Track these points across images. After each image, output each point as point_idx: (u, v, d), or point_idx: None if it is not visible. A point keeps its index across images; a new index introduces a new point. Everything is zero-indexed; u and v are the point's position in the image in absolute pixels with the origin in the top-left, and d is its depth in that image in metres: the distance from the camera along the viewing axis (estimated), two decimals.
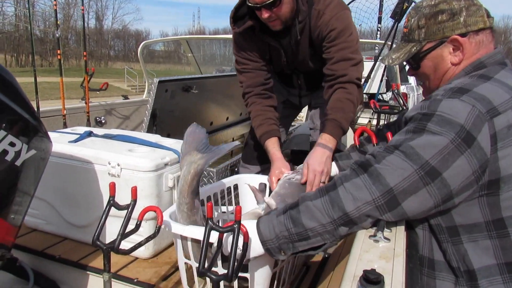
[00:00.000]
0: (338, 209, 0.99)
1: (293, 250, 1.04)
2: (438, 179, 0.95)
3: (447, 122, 0.96)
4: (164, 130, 2.63)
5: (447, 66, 1.17)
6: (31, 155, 1.25)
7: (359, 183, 0.99)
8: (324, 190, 1.03)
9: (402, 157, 0.97)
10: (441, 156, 0.94)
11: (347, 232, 1.02)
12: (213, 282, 0.95)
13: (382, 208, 0.97)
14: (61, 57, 2.88)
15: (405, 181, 0.96)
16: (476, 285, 1.05)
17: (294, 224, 1.02)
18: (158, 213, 1.16)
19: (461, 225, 1.05)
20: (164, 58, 50.89)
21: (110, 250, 1.08)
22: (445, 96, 1.02)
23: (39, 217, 1.81)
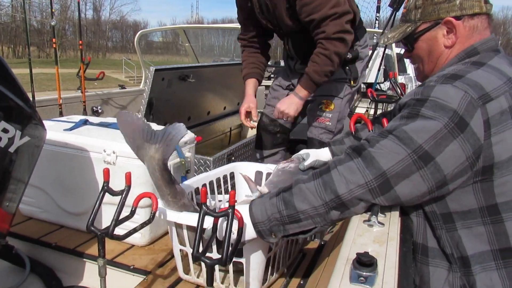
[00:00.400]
0: (330, 191, 0.98)
1: (284, 232, 1.04)
2: (431, 163, 0.95)
3: (440, 107, 0.96)
4: (160, 119, 2.62)
5: (441, 49, 1.17)
6: (25, 142, 1.24)
7: (352, 166, 0.98)
8: (318, 173, 1.03)
9: (395, 141, 0.97)
10: (434, 141, 0.94)
11: (339, 216, 1.01)
12: (208, 267, 0.95)
13: (375, 191, 0.97)
14: (56, 46, 2.85)
15: (398, 164, 0.95)
16: (469, 271, 1.05)
17: (286, 206, 1.02)
18: (153, 199, 1.16)
19: (455, 211, 1.05)
20: (162, 49, 50.64)
21: (104, 235, 1.08)
22: (438, 82, 1.02)
23: (35, 205, 1.81)
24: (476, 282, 1.04)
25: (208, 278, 0.96)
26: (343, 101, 2.16)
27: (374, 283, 0.74)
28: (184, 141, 1.79)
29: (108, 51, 50.26)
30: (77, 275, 1.62)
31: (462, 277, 1.07)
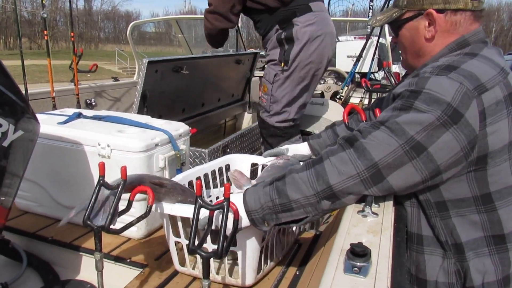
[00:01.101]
0: (322, 182, 0.99)
1: (276, 221, 1.06)
2: (423, 154, 0.96)
3: (434, 100, 0.97)
4: (155, 111, 2.61)
5: (421, 40, 1.17)
6: (19, 136, 1.24)
7: (344, 157, 0.99)
8: (310, 164, 1.04)
9: (387, 133, 0.98)
10: (425, 132, 0.95)
11: (329, 207, 1.02)
12: (204, 259, 0.96)
13: (367, 181, 0.98)
14: (48, 38, 2.82)
15: (390, 155, 0.96)
16: (463, 257, 1.08)
17: (279, 195, 1.03)
18: (149, 192, 1.16)
19: (449, 200, 1.07)
20: (155, 40, 50.22)
21: (100, 229, 1.08)
22: (433, 74, 1.02)
23: (30, 199, 1.81)
24: (470, 267, 1.07)
25: (204, 271, 0.97)
26: (273, 86, 2.37)
27: (367, 273, 0.75)
28: (179, 134, 1.79)
29: (101, 42, 49.80)
30: (74, 268, 1.63)
31: (456, 263, 1.09)
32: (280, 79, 2.35)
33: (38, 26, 34.08)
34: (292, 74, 2.33)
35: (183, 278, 1.42)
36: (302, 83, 2.39)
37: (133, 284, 1.39)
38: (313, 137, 1.70)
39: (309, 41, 2.26)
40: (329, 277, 0.74)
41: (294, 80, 2.36)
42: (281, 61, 2.30)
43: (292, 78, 2.35)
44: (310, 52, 2.29)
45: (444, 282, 1.11)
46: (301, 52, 2.26)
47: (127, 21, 51.33)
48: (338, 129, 1.64)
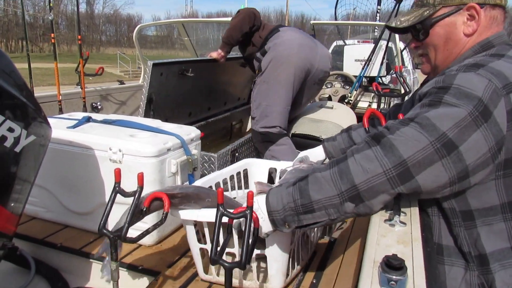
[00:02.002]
0: (347, 180, 0.93)
1: (298, 223, 1.00)
2: (454, 153, 0.91)
3: (465, 94, 0.93)
4: (161, 115, 2.58)
5: (459, 36, 1.12)
6: (31, 141, 1.20)
7: (370, 154, 0.94)
8: (334, 162, 0.99)
9: (417, 129, 0.92)
10: (458, 129, 0.90)
11: (353, 210, 0.96)
12: (226, 270, 0.92)
13: (394, 180, 0.92)
14: (55, 41, 2.79)
15: (420, 153, 0.91)
16: (487, 269, 1.03)
17: (301, 195, 0.98)
18: (165, 199, 1.13)
19: (476, 209, 1.03)
20: (157, 44, 50.31)
21: (117, 238, 1.04)
22: (460, 71, 0.98)
23: (38, 204, 1.77)
24: (496, 280, 1.02)
25: (226, 281, 0.94)
26: (253, 92, 2.61)
27: (405, 287, 0.71)
28: (191, 138, 1.76)
29: (102, 45, 49.90)
30: (84, 276, 1.59)
31: (480, 275, 1.04)
32: (257, 83, 2.55)
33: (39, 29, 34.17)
34: (266, 76, 2.50)
35: (198, 285, 1.38)
36: (277, 85, 2.48)
37: None
38: (328, 139, 1.66)
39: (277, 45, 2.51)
40: None
41: (269, 82, 2.49)
42: (257, 70, 2.60)
43: (267, 80, 2.50)
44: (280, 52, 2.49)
45: None
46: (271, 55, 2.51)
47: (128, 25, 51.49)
48: (354, 134, 1.60)
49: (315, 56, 2.55)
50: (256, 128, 2.57)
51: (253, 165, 1.68)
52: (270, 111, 2.50)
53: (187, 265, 1.51)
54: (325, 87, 4.08)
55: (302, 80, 2.55)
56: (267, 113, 2.51)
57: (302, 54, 2.50)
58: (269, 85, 2.50)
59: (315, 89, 2.76)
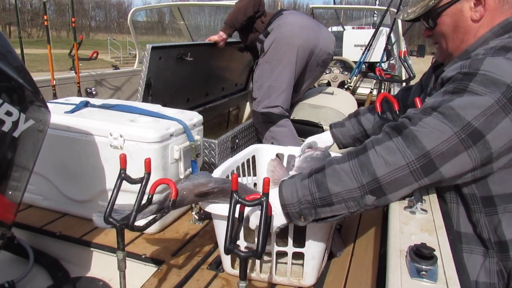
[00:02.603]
0: (368, 173, 0.90)
1: (315, 216, 0.98)
2: (480, 142, 0.88)
3: (492, 81, 0.89)
4: (159, 100, 2.51)
5: (467, 23, 1.08)
6: (29, 125, 1.14)
7: (392, 146, 0.91)
8: (353, 153, 0.95)
9: (440, 119, 0.89)
10: (484, 117, 0.87)
11: (373, 202, 0.93)
12: (241, 259, 0.88)
13: (417, 173, 0.90)
14: (48, 23, 2.69)
15: (444, 144, 0.88)
16: (507, 256, 1.01)
17: (318, 188, 0.95)
18: (172, 186, 1.08)
19: (498, 194, 1.00)
20: (147, 30, 49.65)
21: (124, 227, 0.99)
22: (487, 55, 0.94)
23: (35, 192, 1.71)
24: None
25: (241, 272, 0.89)
26: (255, 73, 2.57)
27: (436, 277, 0.68)
28: (193, 123, 1.71)
29: (92, 31, 49.11)
30: (85, 265, 1.55)
31: (499, 262, 1.02)
32: (259, 64, 2.53)
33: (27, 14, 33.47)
34: (268, 57, 2.47)
35: (203, 275, 1.34)
36: (279, 65, 2.45)
37: (151, 282, 1.31)
38: (335, 125, 1.63)
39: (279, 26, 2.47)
40: (396, 282, 0.67)
41: (271, 62, 2.46)
42: (260, 51, 2.55)
43: (269, 60, 2.47)
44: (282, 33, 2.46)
45: (486, 282, 1.04)
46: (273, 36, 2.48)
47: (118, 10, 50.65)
48: (363, 119, 1.56)
49: (318, 37, 2.51)
50: (257, 109, 2.52)
51: (260, 150, 1.63)
52: (273, 91, 2.47)
53: (192, 253, 1.47)
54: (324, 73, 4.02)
55: (305, 60, 2.51)
56: (270, 94, 2.47)
57: (305, 35, 2.46)
58: (272, 66, 2.46)
59: (318, 71, 2.72)
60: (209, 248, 1.50)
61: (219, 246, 1.29)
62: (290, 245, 1.18)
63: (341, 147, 1.67)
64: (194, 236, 1.59)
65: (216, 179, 1.17)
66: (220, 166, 1.41)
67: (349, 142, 1.63)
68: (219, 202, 1.16)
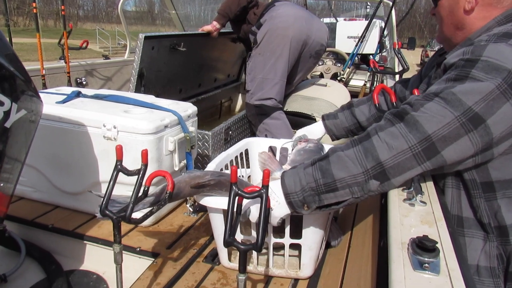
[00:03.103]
0: (372, 158, 0.91)
1: (319, 203, 0.98)
2: (481, 126, 0.88)
3: (494, 67, 0.89)
4: (152, 91, 2.48)
5: (460, 12, 1.10)
6: (21, 116, 1.11)
7: (394, 131, 0.91)
8: (357, 140, 0.96)
9: (442, 104, 0.90)
10: (485, 102, 0.88)
11: (377, 187, 0.94)
12: (241, 252, 0.87)
13: (420, 156, 0.90)
14: (37, 11, 2.63)
15: (445, 128, 0.88)
16: (507, 240, 1.02)
17: (323, 174, 0.95)
18: (168, 178, 1.06)
19: (497, 180, 1.01)
20: (136, 19, 49.01)
21: (121, 219, 0.98)
22: (490, 41, 0.94)
23: (26, 184, 1.68)
24: None
25: (240, 264, 0.89)
26: (248, 65, 2.53)
27: (439, 270, 0.68)
28: (188, 115, 1.68)
29: (80, 20, 48.35)
30: (78, 258, 1.53)
31: (499, 246, 1.04)
32: (252, 56, 2.50)
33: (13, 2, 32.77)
34: (261, 48, 2.45)
35: (199, 267, 1.33)
36: (272, 56, 2.43)
37: (147, 275, 1.29)
38: (328, 116, 1.63)
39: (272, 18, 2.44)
40: (399, 274, 0.66)
41: (264, 54, 2.44)
42: (253, 43, 2.52)
43: (262, 51, 2.45)
44: (275, 24, 2.42)
45: (486, 266, 1.06)
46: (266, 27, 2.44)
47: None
48: (357, 111, 1.55)
49: (311, 28, 2.49)
50: (251, 101, 2.50)
51: (253, 144, 1.62)
52: (266, 83, 2.45)
53: (187, 246, 1.46)
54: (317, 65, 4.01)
55: (298, 52, 2.49)
56: (263, 86, 2.45)
57: (298, 25, 2.44)
58: (265, 57, 2.44)
59: (311, 62, 2.70)
60: (204, 240, 1.49)
61: (216, 239, 1.27)
62: (287, 237, 1.17)
63: (334, 138, 1.67)
64: (189, 229, 1.58)
65: (213, 172, 1.16)
66: (213, 160, 1.40)
67: (343, 134, 1.63)
68: (215, 195, 1.15)
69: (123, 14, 3.85)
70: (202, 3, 5.23)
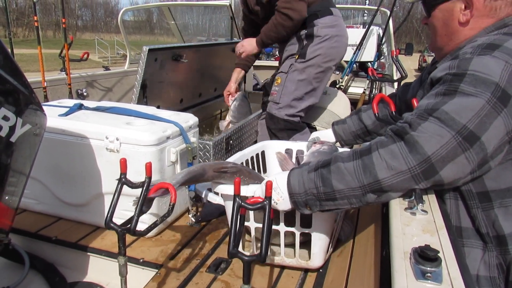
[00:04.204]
0: (370, 175, 0.94)
1: (320, 208, 1.03)
2: (476, 144, 0.90)
3: (481, 81, 0.91)
4: (154, 102, 2.50)
5: (455, 24, 1.12)
6: (26, 130, 1.13)
7: (395, 150, 0.93)
8: (358, 154, 0.98)
9: (437, 123, 0.91)
10: (478, 119, 0.89)
11: (375, 200, 0.97)
12: (244, 263, 0.88)
13: (418, 177, 0.92)
14: (38, 24, 2.65)
15: (443, 148, 0.90)
16: (506, 250, 1.03)
17: (323, 183, 0.99)
18: (171, 190, 1.07)
19: (493, 190, 1.02)
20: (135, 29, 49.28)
21: (125, 232, 0.99)
22: (474, 54, 0.96)
23: (29, 196, 1.69)
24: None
25: (244, 276, 0.89)
26: (287, 76, 2.34)
27: (441, 279, 0.69)
28: (189, 125, 1.70)
29: (79, 31, 48.59)
30: (82, 270, 1.53)
31: (498, 256, 1.05)
32: (297, 69, 2.32)
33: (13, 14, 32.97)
34: (309, 68, 2.30)
35: (202, 278, 1.34)
36: (315, 81, 2.34)
37: (150, 286, 1.30)
38: (338, 122, 1.67)
39: (329, 39, 2.30)
40: (402, 285, 0.67)
41: (309, 75, 2.32)
42: (297, 54, 2.33)
43: (308, 72, 2.31)
44: (330, 50, 2.31)
45: (486, 276, 1.06)
46: (320, 49, 2.29)
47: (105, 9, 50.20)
48: (364, 116, 1.58)
49: None
50: (279, 115, 2.37)
51: (269, 147, 1.67)
52: (301, 103, 2.36)
53: (190, 257, 1.47)
54: None
55: None
56: (297, 105, 2.35)
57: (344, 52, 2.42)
58: (309, 78, 2.33)
59: None
60: (207, 250, 1.50)
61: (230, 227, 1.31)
62: (297, 225, 1.21)
63: (343, 144, 1.69)
64: (192, 239, 1.59)
65: (234, 162, 1.24)
66: (228, 159, 1.45)
67: (350, 139, 1.66)
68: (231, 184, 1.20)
69: (123, 25, 3.89)
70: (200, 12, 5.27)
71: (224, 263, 1.41)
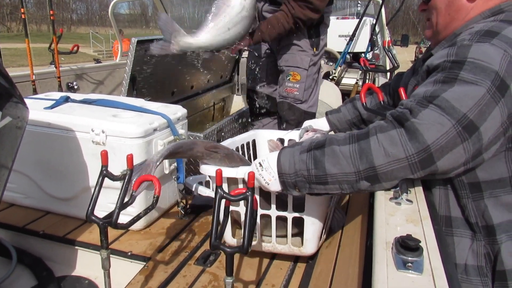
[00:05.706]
0: (366, 160, 0.90)
1: (309, 190, 0.99)
2: (475, 134, 0.88)
3: (481, 69, 0.88)
4: (144, 94, 2.47)
5: (461, 1, 1.08)
6: (7, 123, 1.11)
7: (394, 136, 0.90)
8: (355, 137, 0.94)
9: (438, 111, 0.88)
10: (478, 108, 0.87)
11: (367, 188, 0.94)
12: (227, 255, 0.87)
13: (415, 166, 0.89)
14: (26, 17, 2.61)
15: (443, 137, 0.87)
16: (494, 240, 1.02)
17: (315, 165, 0.95)
18: (155, 182, 1.06)
19: (484, 181, 1.01)
20: (130, 22, 48.98)
21: (107, 225, 0.97)
22: (473, 41, 0.94)
23: (16, 190, 1.67)
24: (501, 250, 1.01)
25: (227, 267, 0.88)
26: (308, 72, 2.34)
27: (422, 269, 0.68)
28: (177, 117, 1.68)
29: (73, 24, 48.21)
30: (69, 264, 1.52)
31: (486, 245, 1.04)
32: (313, 63, 2.36)
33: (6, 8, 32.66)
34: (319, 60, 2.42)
35: (191, 270, 1.33)
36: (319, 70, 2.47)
37: (138, 279, 1.29)
38: (331, 111, 1.64)
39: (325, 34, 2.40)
40: (382, 275, 0.66)
41: (318, 65, 2.44)
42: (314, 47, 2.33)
43: (319, 63, 2.43)
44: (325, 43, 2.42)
45: (473, 265, 1.06)
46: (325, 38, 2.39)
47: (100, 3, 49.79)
48: (358, 103, 1.56)
49: None
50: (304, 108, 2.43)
51: (260, 135, 1.65)
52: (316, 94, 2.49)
53: (179, 249, 1.46)
54: None
55: None
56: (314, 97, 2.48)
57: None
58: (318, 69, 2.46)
59: None
60: (196, 243, 1.49)
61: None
62: (289, 210, 1.20)
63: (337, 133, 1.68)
64: (181, 232, 1.58)
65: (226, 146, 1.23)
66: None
67: (345, 127, 1.64)
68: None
69: (114, 17, 3.84)
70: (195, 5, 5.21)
71: (213, 255, 1.41)
